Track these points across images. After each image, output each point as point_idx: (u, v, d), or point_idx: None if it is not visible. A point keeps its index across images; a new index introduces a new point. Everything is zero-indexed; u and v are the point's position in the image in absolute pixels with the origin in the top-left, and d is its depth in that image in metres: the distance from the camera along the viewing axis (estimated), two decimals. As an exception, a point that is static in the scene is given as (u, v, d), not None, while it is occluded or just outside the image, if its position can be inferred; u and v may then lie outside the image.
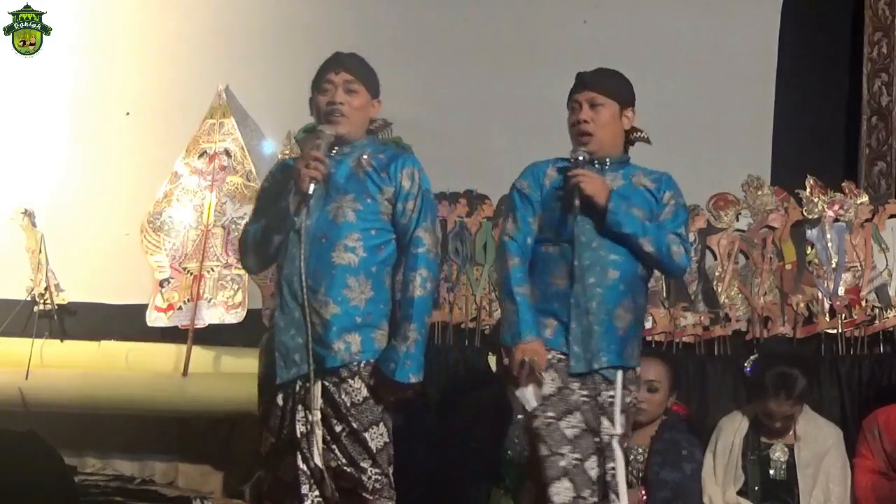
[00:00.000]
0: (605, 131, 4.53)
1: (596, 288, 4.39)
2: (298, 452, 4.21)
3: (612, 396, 4.38)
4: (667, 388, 5.42)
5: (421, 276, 4.27)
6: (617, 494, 4.32)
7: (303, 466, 4.21)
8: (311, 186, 4.24)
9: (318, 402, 4.22)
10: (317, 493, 4.23)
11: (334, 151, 4.35)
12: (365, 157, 4.38)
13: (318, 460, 4.20)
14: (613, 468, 4.33)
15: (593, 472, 4.33)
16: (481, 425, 5.49)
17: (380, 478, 4.24)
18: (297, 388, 4.23)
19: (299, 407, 4.21)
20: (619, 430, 4.36)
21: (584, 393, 4.37)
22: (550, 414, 4.33)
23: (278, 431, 4.24)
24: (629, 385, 4.45)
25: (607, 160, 4.53)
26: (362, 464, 4.25)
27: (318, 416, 4.21)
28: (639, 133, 4.63)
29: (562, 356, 4.38)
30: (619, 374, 4.40)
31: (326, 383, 4.23)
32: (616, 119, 4.56)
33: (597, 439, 4.35)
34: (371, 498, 4.26)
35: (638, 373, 4.54)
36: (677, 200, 4.56)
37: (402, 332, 4.23)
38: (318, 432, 4.20)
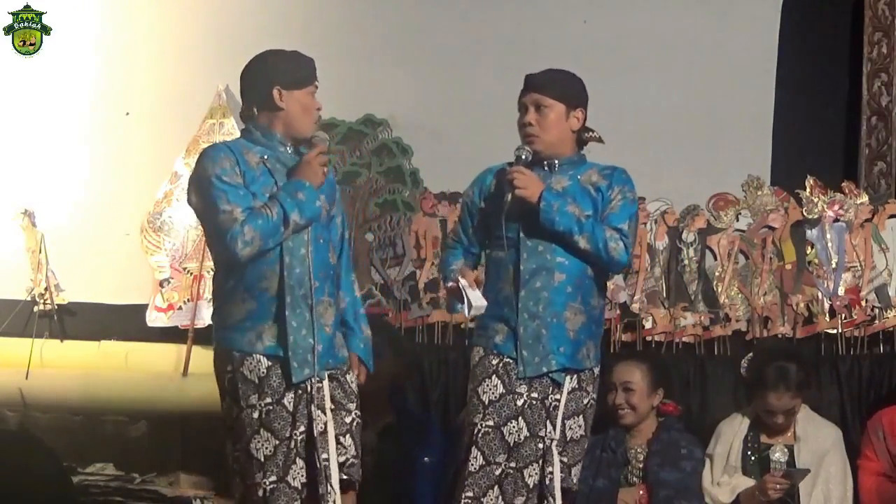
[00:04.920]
0: (551, 134, 4.51)
1: (542, 292, 4.41)
2: (315, 453, 4.23)
3: (558, 401, 4.40)
4: (644, 387, 5.41)
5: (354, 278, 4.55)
6: (553, 497, 4.35)
7: (320, 466, 4.24)
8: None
9: (329, 400, 4.28)
10: (331, 491, 4.24)
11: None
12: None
13: (334, 458, 4.24)
14: (551, 472, 4.36)
15: (531, 480, 4.36)
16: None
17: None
18: (308, 387, 4.26)
19: (313, 407, 4.25)
20: (557, 434, 4.37)
21: (535, 395, 4.40)
22: (490, 423, 4.36)
23: (288, 434, 4.23)
24: (586, 386, 4.46)
25: (556, 162, 4.52)
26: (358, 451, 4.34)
27: (330, 414, 4.27)
28: (591, 133, 4.60)
29: (510, 360, 4.42)
30: (568, 378, 4.41)
31: (334, 379, 4.31)
32: (562, 121, 4.53)
33: (540, 444, 4.37)
34: (356, 490, 4.34)
35: (597, 373, 4.52)
36: (625, 195, 4.52)
37: (365, 329, 4.46)
38: (332, 430, 4.26)
